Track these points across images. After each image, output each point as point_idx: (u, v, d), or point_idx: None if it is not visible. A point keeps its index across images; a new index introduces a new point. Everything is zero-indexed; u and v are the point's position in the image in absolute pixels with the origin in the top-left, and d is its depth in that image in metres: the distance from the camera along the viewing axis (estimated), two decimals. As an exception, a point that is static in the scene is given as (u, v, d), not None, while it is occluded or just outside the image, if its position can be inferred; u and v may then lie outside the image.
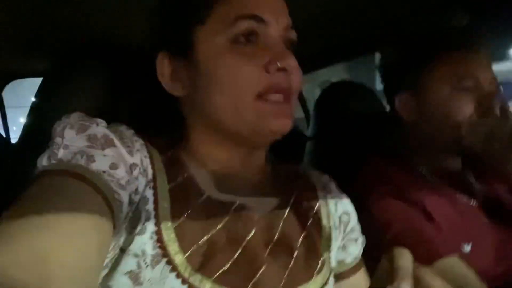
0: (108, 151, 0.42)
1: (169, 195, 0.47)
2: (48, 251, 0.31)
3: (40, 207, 0.34)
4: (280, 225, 0.53)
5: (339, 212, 0.61)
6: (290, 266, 0.50)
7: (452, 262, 0.64)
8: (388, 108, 0.91)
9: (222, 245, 0.47)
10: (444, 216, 0.71)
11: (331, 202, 0.61)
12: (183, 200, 0.47)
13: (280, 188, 0.58)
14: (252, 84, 0.47)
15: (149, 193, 0.46)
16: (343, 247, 0.60)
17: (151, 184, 0.46)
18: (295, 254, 0.51)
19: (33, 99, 0.70)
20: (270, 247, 0.50)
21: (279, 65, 0.47)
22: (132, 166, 0.44)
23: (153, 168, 0.47)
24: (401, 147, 0.84)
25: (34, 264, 0.30)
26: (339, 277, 0.58)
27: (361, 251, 0.62)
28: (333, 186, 0.64)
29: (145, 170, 0.46)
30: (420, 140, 0.81)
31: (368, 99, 1.07)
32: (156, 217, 0.45)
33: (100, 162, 0.40)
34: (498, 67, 0.84)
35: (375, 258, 0.61)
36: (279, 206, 0.55)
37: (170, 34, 0.51)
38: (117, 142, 0.44)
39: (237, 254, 0.47)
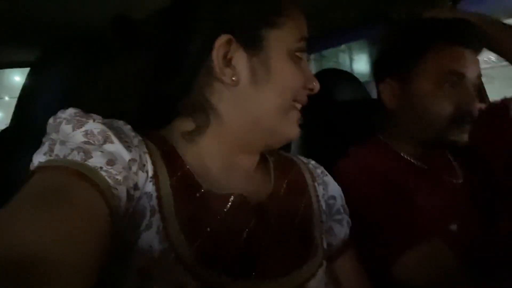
0: (105, 147, 0.42)
1: (171, 189, 0.47)
2: (46, 249, 0.31)
3: (37, 205, 0.34)
4: (275, 213, 0.54)
5: (327, 196, 0.64)
6: (287, 252, 0.52)
7: (433, 245, 0.66)
8: (371, 95, 0.93)
9: (224, 237, 0.48)
10: (428, 197, 0.74)
11: (320, 187, 0.64)
12: (185, 194, 0.48)
13: (272, 176, 0.60)
14: (297, 91, 0.54)
15: (151, 189, 0.46)
16: (329, 230, 0.62)
17: (153, 180, 0.47)
18: (290, 240, 0.54)
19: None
20: (267, 235, 0.51)
21: (313, 86, 0.56)
22: (130, 162, 0.44)
23: (153, 163, 0.48)
24: (384, 133, 0.86)
25: (31, 262, 0.30)
26: (329, 259, 0.60)
27: (347, 232, 0.64)
28: (320, 171, 0.67)
29: (144, 166, 0.46)
30: (400, 128, 0.83)
31: (352, 86, 1.09)
32: (161, 212, 0.45)
33: (97, 158, 0.40)
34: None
35: (361, 243, 0.65)
36: (272, 194, 0.57)
37: (244, 24, 0.52)
38: (114, 138, 0.44)
39: (240, 243, 0.48)
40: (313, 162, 0.68)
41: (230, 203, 0.51)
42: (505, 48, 0.79)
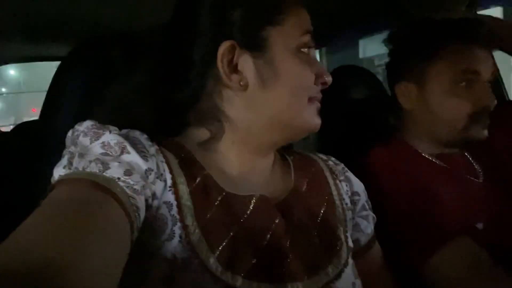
0: (122, 157, 0.43)
1: (191, 197, 0.47)
2: (67, 260, 0.31)
3: (57, 217, 0.35)
4: (298, 212, 0.54)
5: (350, 193, 0.64)
6: (311, 251, 0.52)
7: (464, 243, 0.67)
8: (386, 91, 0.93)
9: (248, 239, 0.48)
10: (452, 196, 0.74)
11: (342, 184, 0.63)
12: (205, 200, 0.48)
13: (291, 176, 0.60)
14: (309, 88, 0.54)
15: (171, 198, 0.46)
16: (355, 225, 0.62)
17: (172, 189, 0.47)
18: (314, 240, 0.53)
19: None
20: (291, 235, 0.51)
21: (325, 80, 0.56)
22: (147, 172, 0.44)
23: (171, 172, 0.48)
24: (404, 133, 0.86)
25: (52, 275, 0.29)
26: (355, 256, 0.60)
27: (373, 229, 0.64)
28: (341, 167, 0.66)
29: (162, 175, 0.47)
30: (419, 128, 0.83)
31: (370, 83, 1.09)
32: (182, 221, 0.45)
33: (115, 169, 0.41)
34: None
35: (388, 241, 0.65)
36: (294, 193, 0.57)
37: (244, 27, 0.52)
38: (130, 148, 0.44)
39: (263, 246, 0.48)
40: (333, 158, 0.68)
41: (252, 205, 0.51)
42: None
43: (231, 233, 0.47)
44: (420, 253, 0.68)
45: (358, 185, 0.65)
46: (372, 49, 4.13)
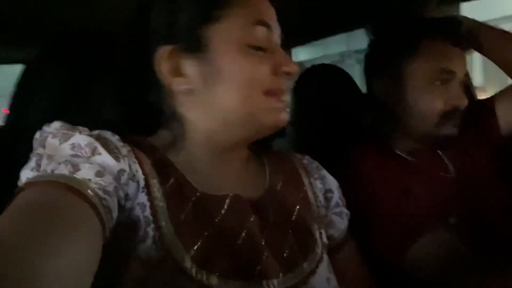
0: (93, 159, 0.42)
1: (165, 197, 0.47)
2: (38, 264, 0.30)
3: (26, 221, 0.34)
4: (273, 210, 0.55)
5: (324, 190, 0.64)
6: (286, 249, 0.52)
7: (439, 235, 0.69)
8: (363, 90, 0.94)
9: (222, 239, 0.48)
10: (425, 192, 0.76)
11: (316, 182, 0.64)
12: (179, 200, 0.48)
13: (267, 175, 0.60)
14: (262, 82, 0.51)
15: (144, 199, 0.46)
16: (330, 222, 0.63)
17: (145, 190, 0.46)
18: (289, 237, 0.53)
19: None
20: (266, 233, 0.51)
21: (286, 69, 0.53)
22: (119, 173, 0.44)
23: (143, 172, 0.47)
24: (378, 130, 0.88)
25: (25, 278, 0.29)
26: (330, 252, 0.60)
27: (347, 225, 0.65)
28: (315, 165, 0.67)
29: (134, 176, 0.46)
30: (395, 123, 0.85)
31: (343, 81, 1.10)
32: (155, 221, 0.45)
33: (86, 171, 0.40)
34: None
35: (364, 237, 0.66)
36: (269, 191, 0.57)
37: (182, 29, 0.51)
38: (101, 149, 0.43)
39: (239, 244, 0.48)
40: (307, 157, 0.68)
41: (226, 204, 0.51)
42: (493, 50, 0.83)
43: (206, 233, 0.47)
44: (396, 247, 0.70)
45: (332, 182, 0.66)
46: (304, 54, 4.22)
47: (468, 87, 0.80)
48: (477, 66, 4.84)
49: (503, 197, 0.83)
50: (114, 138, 0.48)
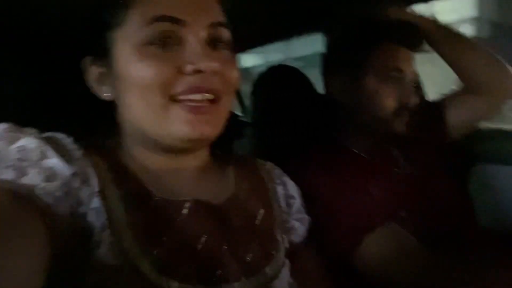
0: (42, 163, 0.41)
1: (121, 202, 0.46)
2: None
3: None
4: (236, 215, 0.54)
5: (287, 196, 0.65)
6: (249, 253, 0.52)
7: (390, 229, 0.72)
8: (319, 91, 0.96)
9: (182, 244, 0.47)
10: (378, 187, 0.79)
11: (278, 188, 0.64)
12: (137, 205, 0.47)
13: (230, 180, 0.59)
14: (164, 86, 0.46)
15: (99, 204, 0.44)
16: (291, 228, 0.63)
17: (100, 194, 0.45)
18: (252, 242, 0.53)
19: None
20: (228, 238, 0.51)
21: (193, 67, 0.46)
22: (71, 177, 0.42)
23: (99, 177, 0.46)
24: (336, 130, 0.91)
25: None
26: (290, 256, 0.60)
27: (307, 230, 0.65)
28: (277, 172, 0.67)
29: (88, 180, 0.45)
30: (350, 122, 0.88)
31: (300, 82, 1.11)
32: (112, 227, 0.44)
33: (33, 176, 0.39)
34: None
35: (323, 237, 0.68)
36: (232, 197, 0.56)
37: (90, 37, 0.51)
38: (51, 153, 0.42)
39: (198, 250, 0.48)
40: (269, 163, 0.68)
41: (185, 210, 0.49)
42: (447, 50, 0.88)
43: (165, 238, 0.46)
44: (349, 242, 0.72)
45: (294, 189, 0.66)
46: (249, 60, 4.36)
47: (418, 87, 0.84)
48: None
49: (450, 193, 0.88)
50: (67, 141, 0.46)
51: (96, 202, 0.44)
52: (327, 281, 0.65)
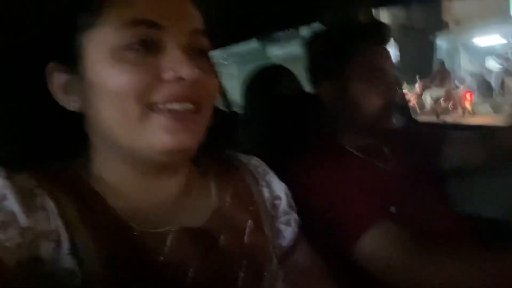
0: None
1: (96, 246, 0.41)
2: None
3: None
4: (222, 235, 0.50)
5: (272, 197, 0.61)
6: (241, 274, 0.49)
7: (384, 225, 0.75)
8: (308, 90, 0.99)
9: (169, 278, 0.44)
10: (369, 184, 0.82)
11: (264, 189, 0.60)
12: (115, 243, 0.42)
13: (210, 192, 0.55)
14: (141, 93, 0.42)
15: (71, 263, 0.40)
16: (277, 232, 0.60)
17: (71, 252, 0.40)
18: (243, 260, 0.50)
19: None
20: (217, 264, 0.48)
21: (174, 74, 0.43)
22: (25, 229, 0.38)
23: (67, 227, 0.41)
24: (326, 127, 0.94)
25: None
26: (281, 258, 0.58)
27: (296, 230, 0.62)
28: (261, 170, 0.62)
29: (53, 233, 0.40)
30: (342, 121, 0.91)
31: (290, 81, 1.15)
32: (89, 284, 0.40)
33: None
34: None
35: (317, 232, 0.69)
36: (216, 215, 0.52)
37: (57, 41, 0.46)
38: (11, 197, 0.38)
39: (188, 282, 0.45)
40: (254, 160, 0.63)
41: (169, 242, 0.45)
42: None
43: (147, 277, 0.43)
44: (346, 240, 0.75)
45: (279, 187, 0.62)
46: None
47: (398, 81, 0.88)
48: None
49: (439, 189, 0.93)
50: (30, 183, 0.42)
51: (68, 262, 0.40)
52: (323, 279, 0.62)
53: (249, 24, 1.20)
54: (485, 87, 8.93)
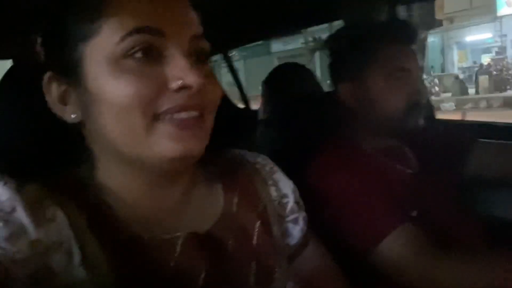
0: (9, 218, 0.37)
1: (107, 255, 0.41)
2: None
3: None
4: (230, 239, 0.50)
5: (279, 196, 0.60)
6: (252, 277, 0.49)
7: (407, 229, 0.74)
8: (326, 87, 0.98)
9: (182, 283, 0.44)
10: (390, 187, 0.81)
11: (272, 188, 0.59)
12: (125, 252, 0.42)
13: (218, 191, 0.55)
14: (146, 104, 0.41)
15: (83, 274, 0.39)
16: (285, 230, 0.59)
17: (84, 264, 0.40)
18: (252, 262, 0.50)
19: None
20: (225, 270, 0.48)
21: (181, 82, 0.42)
22: (35, 242, 0.38)
23: (79, 239, 0.40)
24: (347, 129, 0.93)
25: None
26: (291, 257, 0.58)
27: (305, 228, 0.61)
28: (268, 168, 0.61)
29: (62, 245, 0.39)
30: (362, 123, 0.90)
31: (308, 80, 1.14)
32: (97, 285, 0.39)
33: None
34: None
35: (336, 234, 0.69)
36: (224, 218, 0.52)
37: (54, 51, 0.45)
38: (20, 209, 0.38)
39: (199, 284, 0.45)
40: (260, 158, 0.62)
41: (179, 247, 0.45)
42: None
43: (163, 282, 0.43)
44: (365, 243, 0.75)
45: (286, 186, 0.61)
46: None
47: (422, 82, 0.87)
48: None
49: (460, 196, 0.92)
50: (41, 194, 0.41)
51: (80, 273, 0.39)
52: (334, 277, 0.62)
53: (271, 23, 1.18)
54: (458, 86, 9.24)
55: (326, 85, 1.07)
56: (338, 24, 1.05)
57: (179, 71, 0.42)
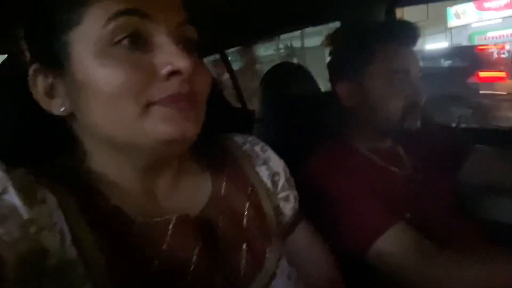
0: (0, 199, 0.37)
1: (98, 241, 0.40)
2: None
3: None
4: (220, 222, 0.50)
5: (271, 174, 0.60)
6: (243, 258, 0.50)
7: (401, 229, 0.74)
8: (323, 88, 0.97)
9: (174, 265, 0.44)
10: (384, 189, 0.81)
11: (262, 168, 0.60)
12: (116, 237, 0.42)
13: (207, 174, 0.55)
14: (137, 92, 0.40)
15: (74, 254, 0.39)
16: (277, 208, 0.59)
17: (74, 244, 0.39)
18: (244, 243, 0.50)
19: None
20: (216, 253, 0.48)
21: (169, 68, 0.40)
22: (28, 222, 0.37)
23: (69, 221, 0.40)
24: (342, 129, 0.93)
25: None
26: (282, 235, 0.58)
27: (296, 207, 0.62)
28: (258, 148, 0.62)
29: (55, 226, 0.39)
30: (358, 123, 0.90)
31: (305, 79, 1.13)
32: (93, 279, 0.39)
33: None
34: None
35: (332, 233, 0.69)
36: (212, 201, 0.52)
37: (39, 42, 0.43)
38: (12, 190, 0.37)
39: (192, 268, 0.45)
40: (250, 139, 0.62)
41: (170, 230, 0.45)
42: None
43: (156, 262, 0.43)
44: (361, 243, 0.75)
45: (278, 164, 0.62)
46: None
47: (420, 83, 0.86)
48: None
49: (455, 198, 0.92)
50: (29, 178, 0.41)
51: (70, 253, 0.39)
52: (324, 256, 0.63)
53: (271, 23, 1.18)
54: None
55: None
56: (310, 31, 1.06)
57: (167, 57, 0.41)
